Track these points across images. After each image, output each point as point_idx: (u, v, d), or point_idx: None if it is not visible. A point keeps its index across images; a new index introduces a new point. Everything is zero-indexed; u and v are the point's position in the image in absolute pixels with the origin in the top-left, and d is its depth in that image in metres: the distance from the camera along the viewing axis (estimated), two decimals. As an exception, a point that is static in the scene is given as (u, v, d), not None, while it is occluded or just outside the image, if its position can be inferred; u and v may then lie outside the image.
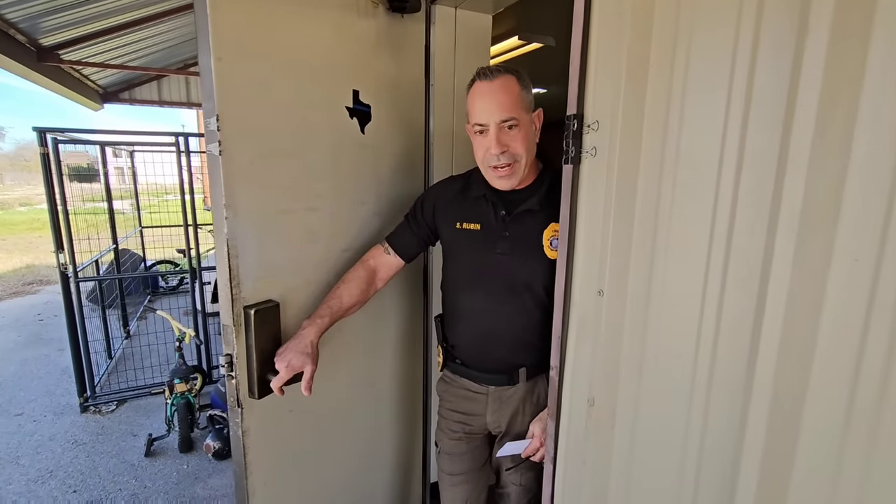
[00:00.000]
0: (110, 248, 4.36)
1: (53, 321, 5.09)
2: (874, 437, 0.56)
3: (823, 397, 0.60)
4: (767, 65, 0.63)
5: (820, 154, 0.59)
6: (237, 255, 1.10)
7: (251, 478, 1.22)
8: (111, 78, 5.88)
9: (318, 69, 1.24)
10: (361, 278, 1.28)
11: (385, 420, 1.65)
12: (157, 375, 3.52)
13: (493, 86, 1.09)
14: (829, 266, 0.58)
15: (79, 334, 3.16)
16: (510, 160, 1.11)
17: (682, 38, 0.73)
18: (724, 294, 0.71)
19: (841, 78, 0.56)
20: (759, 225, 0.65)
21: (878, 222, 0.54)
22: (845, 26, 0.55)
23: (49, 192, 2.91)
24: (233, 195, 1.08)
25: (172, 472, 2.60)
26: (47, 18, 3.54)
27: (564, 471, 1.05)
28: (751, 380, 0.68)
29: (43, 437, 2.91)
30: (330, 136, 1.29)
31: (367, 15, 1.33)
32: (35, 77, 4.24)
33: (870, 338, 0.55)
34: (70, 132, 3.24)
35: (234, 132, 1.06)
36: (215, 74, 1.01)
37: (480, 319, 1.25)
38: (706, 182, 0.72)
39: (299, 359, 1.13)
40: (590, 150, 0.90)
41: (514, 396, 1.26)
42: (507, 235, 1.19)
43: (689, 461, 0.79)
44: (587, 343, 0.96)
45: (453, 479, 1.36)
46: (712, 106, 0.70)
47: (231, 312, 1.10)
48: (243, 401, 1.16)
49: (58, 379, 3.69)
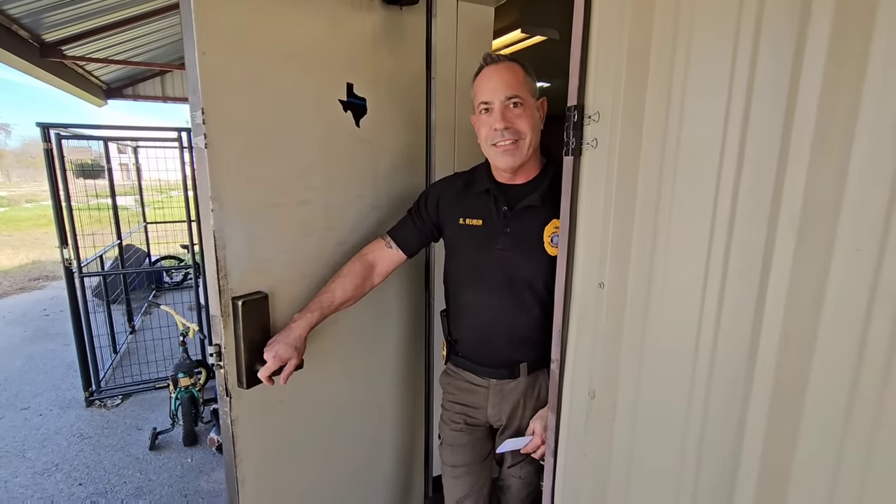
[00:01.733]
0: (115, 244, 4.38)
1: (59, 316, 5.13)
2: (876, 427, 0.56)
3: (825, 388, 0.60)
4: (769, 55, 0.62)
5: (822, 143, 0.58)
6: (224, 247, 1.11)
7: (241, 465, 1.24)
8: (115, 74, 5.89)
9: (310, 63, 1.23)
10: (357, 273, 1.28)
11: (386, 413, 1.65)
12: (161, 370, 3.55)
13: (499, 67, 1.12)
14: (831, 256, 0.58)
15: (84, 329, 3.18)
16: (514, 136, 1.11)
17: (683, 28, 0.72)
18: (725, 285, 0.71)
19: (843, 68, 0.56)
20: (761, 215, 0.65)
21: (880, 212, 0.53)
22: (847, 18, 0.55)
23: (53, 188, 2.92)
24: (219, 188, 1.08)
25: (176, 466, 2.62)
26: (50, 14, 3.55)
27: (565, 464, 1.05)
28: (752, 371, 0.68)
29: (49, 430, 2.94)
30: (323, 129, 1.29)
31: (363, 8, 1.33)
32: (38, 73, 4.25)
33: (872, 328, 0.55)
34: (74, 128, 3.25)
35: (221, 125, 1.07)
36: (200, 68, 1.01)
37: (481, 315, 1.25)
38: (707, 173, 0.71)
39: (287, 350, 1.15)
40: (590, 141, 0.89)
41: (515, 390, 1.26)
42: (508, 231, 1.19)
43: (690, 453, 0.78)
44: (588, 336, 0.96)
45: (455, 470, 1.36)
46: (713, 97, 0.69)
47: (219, 303, 1.12)
48: (232, 390, 1.19)
49: (63, 373, 3.72)
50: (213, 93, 1.04)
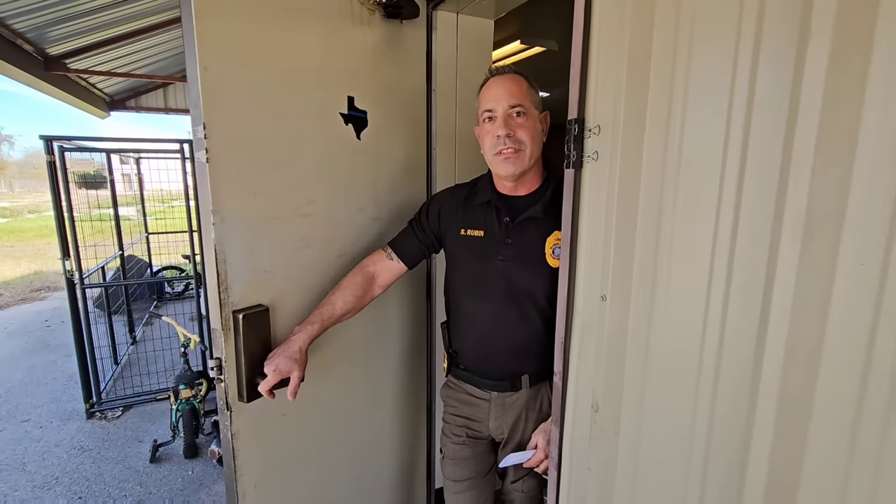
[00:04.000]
0: (116, 255, 4.38)
1: (61, 327, 5.12)
2: (883, 443, 0.55)
3: (830, 404, 0.59)
4: (769, 68, 0.62)
5: (824, 157, 0.58)
6: (225, 261, 1.11)
7: (241, 480, 1.23)
8: (118, 86, 5.94)
9: (311, 77, 1.24)
10: (358, 284, 1.28)
11: (387, 427, 1.64)
12: (162, 381, 3.53)
13: (504, 78, 1.15)
14: (835, 270, 0.57)
15: (85, 340, 3.17)
16: (515, 145, 1.12)
17: (682, 41, 0.72)
18: (729, 299, 0.70)
19: (843, 81, 0.55)
20: (763, 229, 0.65)
21: (883, 226, 0.53)
22: (847, 31, 0.55)
23: (55, 200, 2.93)
24: (220, 201, 1.09)
25: (177, 479, 2.59)
26: (54, 28, 3.59)
27: (569, 478, 1.04)
28: (756, 385, 0.67)
29: (49, 443, 2.92)
30: (324, 142, 1.29)
31: (363, 22, 1.34)
32: (42, 86, 4.29)
33: (877, 344, 0.54)
34: (76, 140, 3.27)
35: (222, 140, 1.07)
36: (201, 83, 1.02)
37: (482, 326, 1.24)
38: (709, 186, 0.71)
39: (287, 364, 1.14)
40: (591, 154, 0.89)
41: (517, 403, 1.25)
42: (510, 242, 1.19)
43: (695, 467, 0.77)
44: (590, 348, 0.95)
45: (457, 485, 1.35)
46: (714, 109, 0.69)
47: (220, 317, 1.12)
48: (232, 404, 1.18)
49: (64, 385, 3.70)
50: (214, 107, 1.05)
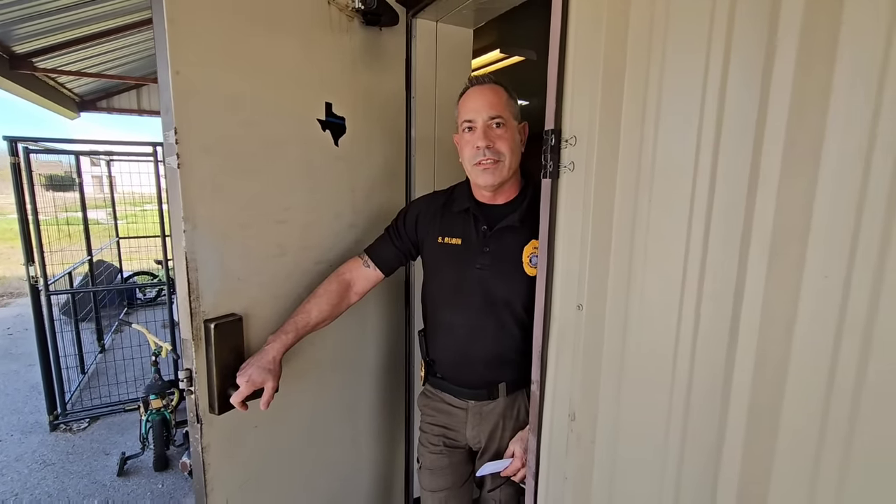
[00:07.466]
0: (85, 260, 4.24)
1: (24, 335, 4.91)
2: (848, 448, 0.57)
3: (798, 410, 0.61)
4: (738, 81, 0.64)
5: (790, 170, 0.59)
6: (196, 269, 1.08)
7: (212, 495, 1.19)
8: (88, 86, 5.77)
9: (287, 83, 1.22)
10: (333, 292, 1.26)
11: (364, 437, 1.62)
12: (132, 391, 3.41)
13: (483, 88, 1.15)
14: (801, 282, 0.59)
15: (49, 349, 3.05)
16: (494, 156, 1.12)
17: (655, 55, 0.74)
18: (701, 307, 0.71)
19: (809, 95, 0.57)
20: (733, 238, 0.66)
21: (846, 240, 0.55)
22: (812, 42, 0.56)
23: (20, 204, 2.82)
24: (192, 208, 1.06)
25: (146, 493, 2.51)
26: (21, 26, 3.46)
27: (546, 486, 1.04)
28: (728, 394, 0.69)
29: (9, 457, 2.79)
30: (300, 148, 1.27)
31: (342, 29, 1.33)
32: (7, 85, 4.14)
33: (841, 354, 0.56)
34: (44, 141, 3.15)
35: (194, 145, 1.05)
36: (173, 88, 1.00)
37: (459, 334, 1.24)
38: (681, 196, 0.72)
39: (260, 374, 1.11)
40: (568, 164, 0.90)
41: (494, 411, 1.25)
42: (488, 251, 1.19)
43: (669, 474, 0.78)
44: (567, 357, 0.95)
45: (435, 496, 1.33)
46: (686, 120, 0.71)
47: (191, 326, 1.08)
48: (203, 416, 1.14)
49: (26, 396, 3.55)
50: (186, 112, 1.03)
